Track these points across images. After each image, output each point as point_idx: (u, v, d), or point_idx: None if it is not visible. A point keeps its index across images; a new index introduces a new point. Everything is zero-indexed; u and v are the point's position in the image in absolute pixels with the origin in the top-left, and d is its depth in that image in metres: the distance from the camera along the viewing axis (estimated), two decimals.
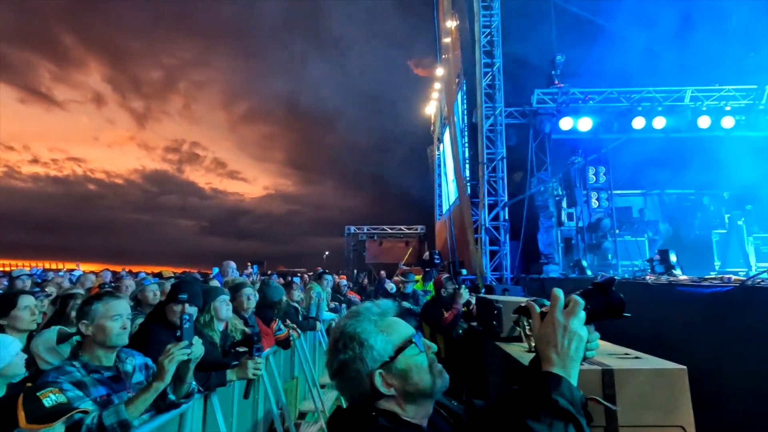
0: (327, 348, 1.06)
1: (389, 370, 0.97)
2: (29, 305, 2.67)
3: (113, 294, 2.01)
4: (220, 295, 2.93)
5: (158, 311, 2.58)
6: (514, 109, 10.69)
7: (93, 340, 1.90)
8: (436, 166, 22.22)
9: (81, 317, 1.91)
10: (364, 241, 26.62)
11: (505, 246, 9.74)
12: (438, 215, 21.95)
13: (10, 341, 2.03)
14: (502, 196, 9.93)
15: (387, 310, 1.07)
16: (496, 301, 3.15)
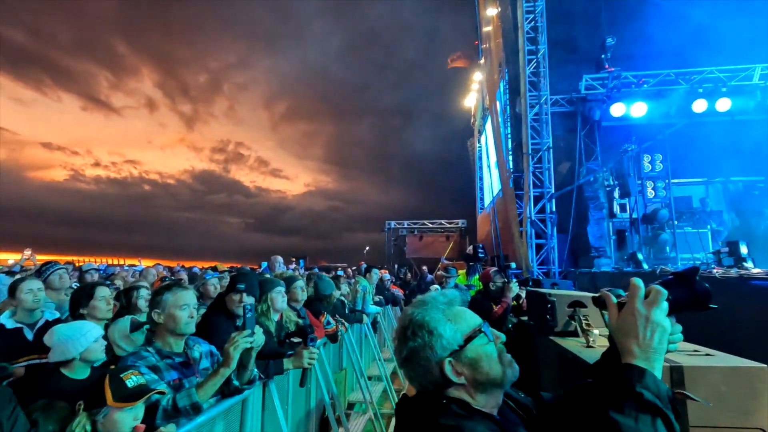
0: (395, 335, 1.08)
1: (459, 359, 0.97)
2: (105, 296, 2.90)
3: (181, 285, 2.14)
4: (276, 287, 3.03)
5: (219, 302, 2.72)
6: (560, 96, 10.26)
7: (164, 328, 2.03)
8: (477, 159, 21.79)
9: (153, 307, 2.04)
10: (404, 236, 26.63)
11: (552, 239, 9.40)
12: (479, 209, 21.55)
13: (89, 327, 2.22)
14: (549, 187, 9.58)
15: (453, 300, 1.06)
16: (549, 295, 3.06)
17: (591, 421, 0.84)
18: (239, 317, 2.60)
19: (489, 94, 12.85)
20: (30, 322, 2.75)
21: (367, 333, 5.76)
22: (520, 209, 10.34)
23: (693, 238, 8.00)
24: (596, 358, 2.19)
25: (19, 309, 2.68)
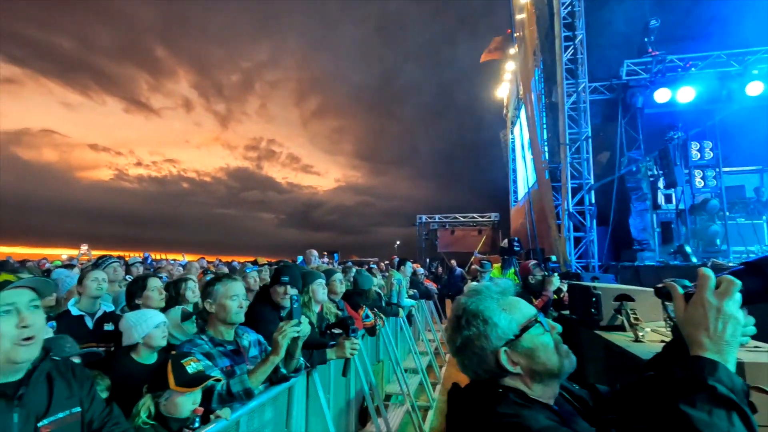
0: (447, 324, 1.08)
1: (514, 348, 0.97)
2: (157, 286, 3.06)
3: (231, 276, 2.23)
4: (317, 279, 3.10)
5: (263, 293, 2.81)
6: (599, 83, 9.84)
7: (216, 317, 2.12)
8: (510, 151, 21.30)
9: (205, 297, 2.14)
10: (435, 230, 26.48)
11: (591, 232, 9.08)
12: (513, 201, 21.08)
13: (152, 314, 2.35)
14: (588, 178, 9.24)
15: (507, 289, 1.06)
16: (594, 288, 2.97)
17: (659, 414, 0.82)
18: (283, 308, 2.69)
19: (523, 83, 12.51)
20: (91, 311, 2.93)
21: (402, 326, 5.79)
22: (557, 201, 10.03)
23: (747, 230, 7.53)
24: (647, 352, 2.13)
25: (84, 297, 2.86)
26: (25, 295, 1.17)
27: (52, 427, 1.18)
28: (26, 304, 1.16)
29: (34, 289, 1.20)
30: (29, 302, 1.18)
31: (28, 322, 1.15)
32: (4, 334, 1.10)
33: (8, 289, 1.13)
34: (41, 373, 1.21)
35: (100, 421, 1.32)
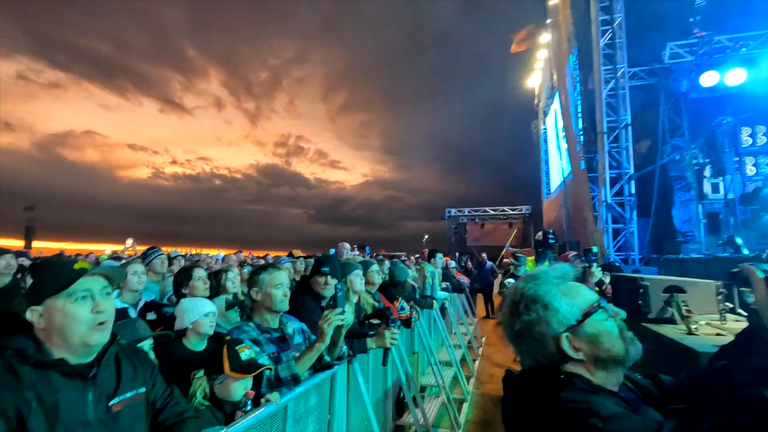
0: (503, 310, 1.07)
1: (576, 334, 0.95)
2: (202, 276, 3.18)
3: (275, 266, 2.28)
4: (354, 269, 3.14)
5: (304, 283, 2.86)
6: (639, 68, 9.40)
7: (262, 305, 2.18)
8: (542, 142, 20.74)
9: (251, 285, 2.21)
10: (465, 224, 26.20)
11: (631, 223, 8.73)
12: (545, 194, 20.56)
13: (202, 303, 2.45)
14: (627, 168, 8.87)
15: (566, 274, 1.03)
16: (642, 279, 2.86)
17: (740, 402, 0.78)
18: (324, 297, 2.74)
19: (557, 71, 12.11)
20: (133, 303, 3.08)
21: (436, 318, 5.77)
22: (594, 192, 9.70)
23: None
24: (703, 345, 2.03)
25: (125, 290, 3.01)
26: (99, 282, 1.24)
27: (121, 405, 1.25)
28: (100, 291, 1.23)
29: (106, 277, 1.27)
30: (102, 289, 1.24)
31: (102, 307, 1.21)
32: (81, 319, 1.17)
33: (85, 276, 1.20)
34: (110, 355, 1.28)
35: (162, 401, 1.39)
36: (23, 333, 1.19)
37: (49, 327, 1.17)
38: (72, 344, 1.18)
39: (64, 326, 1.16)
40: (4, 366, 1.10)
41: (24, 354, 1.13)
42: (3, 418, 1.02)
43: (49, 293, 1.18)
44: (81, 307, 1.18)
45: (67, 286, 1.18)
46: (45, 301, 1.18)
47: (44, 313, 1.18)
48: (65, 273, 1.20)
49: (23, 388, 1.08)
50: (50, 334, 1.18)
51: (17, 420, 1.04)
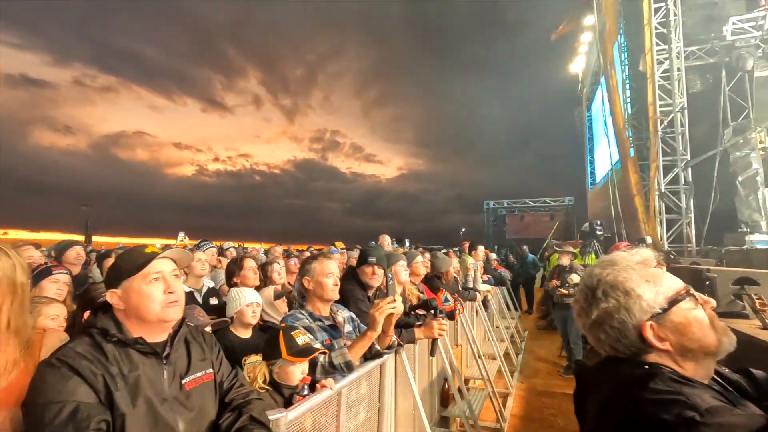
0: (577, 297, 1.02)
1: (662, 323, 0.89)
2: (252, 267, 3.28)
3: (326, 255, 2.31)
4: (399, 260, 3.14)
5: (351, 273, 2.89)
6: (697, 47, 8.75)
7: (313, 294, 2.22)
8: (586, 130, 19.84)
9: (303, 275, 2.25)
10: (503, 217, 25.62)
11: (687, 213, 8.19)
12: (590, 184, 19.70)
13: (247, 293, 2.53)
14: (684, 154, 8.31)
15: (647, 260, 0.97)
16: (708, 270, 2.68)
17: None
18: (371, 287, 2.76)
19: (602, 55, 11.49)
20: (197, 288, 3.22)
21: (478, 310, 5.69)
22: (644, 181, 9.17)
23: None
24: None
25: (190, 276, 3.16)
26: (169, 264, 1.31)
27: (193, 384, 1.31)
28: (169, 273, 1.30)
29: (174, 260, 1.33)
30: (172, 271, 1.31)
31: (173, 288, 1.28)
32: (156, 298, 1.24)
33: (157, 258, 1.27)
34: (181, 336, 1.35)
35: (228, 382, 1.44)
36: (105, 313, 1.27)
37: (128, 307, 1.24)
38: (149, 322, 1.25)
39: (141, 305, 1.23)
40: (91, 342, 1.18)
41: (107, 332, 1.21)
42: (93, 389, 1.09)
43: (125, 276, 1.25)
44: (154, 288, 1.25)
45: (141, 269, 1.25)
46: (122, 283, 1.25)
47: (122, 294, 1.25)
48: (139, 256, 1.27)
49: (109, 364, 1.15)
50: (129, 314, 1.25)
51: (105, 392, 1.11)
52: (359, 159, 61.17)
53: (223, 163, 55.28)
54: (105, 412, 1.09)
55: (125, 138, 47.76)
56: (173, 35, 47.99)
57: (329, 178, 60.63)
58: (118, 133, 47.14)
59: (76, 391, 1.07)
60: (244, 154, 56.22)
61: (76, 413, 1.03)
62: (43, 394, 1.06)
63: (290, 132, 57.65)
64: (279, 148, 60.34)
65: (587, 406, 0.98)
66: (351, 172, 60.50)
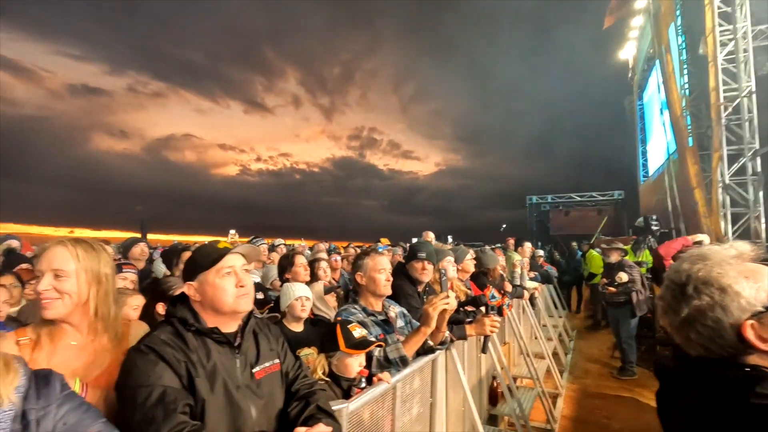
0: (662, 294, 0.97)
1: (764, 322, 0.82)
2: (303, 263, 3.36)
3: (377, 251, 2.33)
4: (447, 256, 3.11)
5: (400, 269, 2.90)
6: (766, 26, 8.02)
7: (366, 289, 2.25)
8: (638, 119, 18.75)
9: (355, 270, 2.28)
10: (547, 212, 24.77)
11: (756, 206, 7.55)
12: (642, 176, 18.61)
13: (297, 288, 2.59)
14: (752, 142, 7.66)
15: (744, 253, 0.90)
16: None
17: None
18: (421, 282, 2.75)
19: (657, 38, 10.79)
20: None
21: (525, 308, 5.55)
22: (705, 173, 8.55)
23: None
24: None
25: None
26: (239, 259, 1.36)
27: (263, 373, 1.36)
28: (240, 267, 1.36)
29: (244, 255, 1.39)
30: (242, 266, 1.36)
31: (243, 281, 1.33)
32: (228, 291, 1.30)
33: (230, 254, 1.33)
34: (250, 328, 1.40)
35: (293, 372, 1.49)
36: (183, 304, 1.34)
37: (203, 299, 1.31)
38: (222, 313, 1.31)
39: (215, 297, 1.30)
40: (173, 331, 1.25)
41: (186, 322, 1.28)
42: (177, 375, 1.16)
43: (201, 269, 1.32)
44: (227, 281, 1.31)
45: (215, 263, 1.31)
46: (198, 277, 1.32)
47: (198, 287, 1.32)
48: (213, 251, 1.34)
49: (190, 352, 1.22)
50: (204, 305, 1.32)
51: (188, 378, 1.18)
52: (396, 156, 61.19)
53: (264, 163, 57.11)
54: (188, 396, 1.15)
55: (174, 141, 50.41)
56: (217, 40, 50.01)
57: (367, 176, 61.11)
58: (168, 136, 49.82)
59: (163, 376, 1.14)
60: (285, 154, 57.77)
61: (164, 397, 1.10)
62: (134, 377, 1.13)
63: (328, 130, 58.60)
64: (318, 147, 61.50)
65: (673, 411, 0.93)
66: (388, 168, 60.66)
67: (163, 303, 2.06)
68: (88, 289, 1.28)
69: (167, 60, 48.13)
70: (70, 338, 1.29)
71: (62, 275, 1.23)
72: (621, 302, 5.75)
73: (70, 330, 1.29)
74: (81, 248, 1.29)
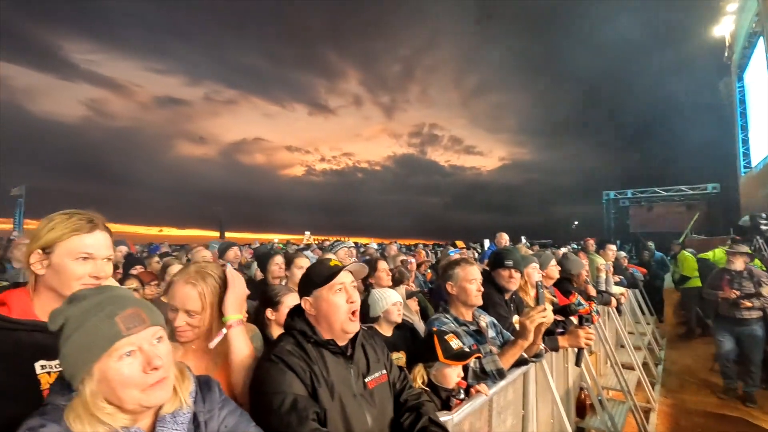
0: None
1: None
2: (385, 268, 3.45)
3: (468, 260, 2.34)
4: (531, 262, 3.03)
5: (486, 276, 2.87)
6: None
7: (457, 299, 2.26)
8: (737, 103, 16.67)
9: (446, 279, 2.30)
10: (627, 208, 22.92)
11: None
12: (743, 167, 16.54)
13: (389, 293, 2.66)
14: None
15: None
16: None
17: None
18: (508, 291, 2.71)
19: (764, 10, 9.50)
20: None
21: (611, 313, 5.21)
22: None
23: None
24: None
25: None
26: (349, 276, 1.45)
27: (374, 384, 1.44)
28: (349, 284, 1.44)
29: (352, 272, 1.47)
30: (351, 282, 1.45)
31: (353, 298, 1.41)
32: (340, 308, 1.39)
33: (343, 270, 1.42)
34: (360, 338, 1.48)
35: (400, 383, 1.55)
36: (299, 317, 1.46)
37: (318, 313, 1.41)
38: (335, 329, 1.40)
39: (329, 313, 1.39)
40: (295, 342, 1.37)
41: (305, 333, 1.39)
42: (303, 384, 1.27)
43: (315, 286, 1.42)
44: (340, 298, 1.40)
45: (329, 280, 1.40)
46: (313, 292, 1.42)
47: (313, 302, 1.42)
48: (326, 269, 1.43)
49: (312, 363, 1.32)
50: (319, 319, 1.42)
51: (312, 387, 1.28)
52: (458, 151, 60.17)
53: (328, 163, 59.17)
54: (315, 404, 1.25)
55: (246, 144, 53.96)
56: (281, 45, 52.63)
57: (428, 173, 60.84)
58: (240, 140, 53.49)
59: (293, 385, 1.25)
60: (347, 153, 59.40)
61: (296, 404, 1.21)
62: (267, 385, 1.25)
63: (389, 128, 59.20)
64: (379, 145, 62.42)
65: None
66: (450, 165, 59.84)
67: (270, 308, 2.23)
68: (211, 318, 1.41)
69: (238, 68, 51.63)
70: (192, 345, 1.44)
71: (193, 314, 1.36)
72: (748, 318, 4.91)
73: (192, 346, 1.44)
74: (205, 285, 1.39)
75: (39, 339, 1.10)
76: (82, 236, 1.17)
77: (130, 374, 0.86)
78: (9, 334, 1.09)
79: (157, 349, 0.91)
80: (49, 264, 1.15)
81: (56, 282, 1.16)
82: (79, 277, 1.16)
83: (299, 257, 3.37)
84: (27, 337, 1.10)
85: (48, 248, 1.15)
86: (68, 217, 1.18)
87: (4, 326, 1.09)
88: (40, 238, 1.15)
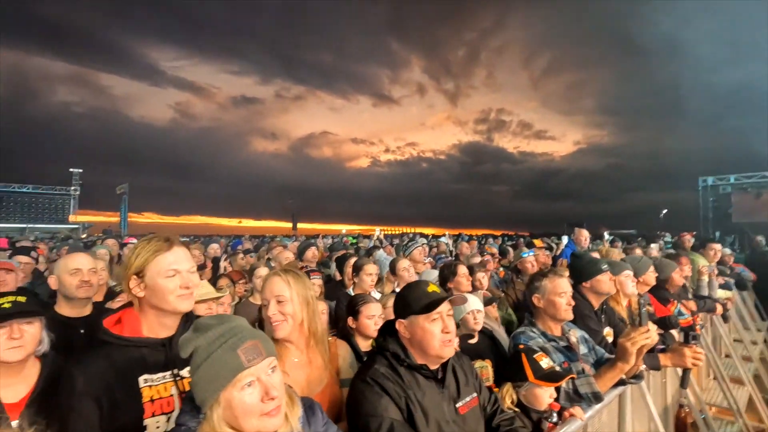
0: None
1: None
2: (465, 273, 3.37)
3: (557, 272, 2.21)
4: (624, 270, 2.79)
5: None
6: None
7: (544, 312, 2.16)
8: None
9: (532, 292, 2.20)
10: (728, 195, 20.25)
11: None
12: None
13: (470, 300, 2.61)
14: None
15: None
16: None
17: None
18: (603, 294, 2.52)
19: None
20: None
21: (714, 319, 4.67)
22: None
23: None
24: None
25: None
26: (447, 305, 1.44)
27: (466, 409, 1.42)
28: (446, 313, 1.42)
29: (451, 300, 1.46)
30: (447, 311, 1.43)
31: (450, 327, 1.40)
32: (437, 335, 1.38)
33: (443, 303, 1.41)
34: (451, 363, 1.47)
35: (491, 407, 1.52)
36: (392, 337, 1.47)
37: (412, 338, 1.41)
38: (429, 355, 1.40)
39: (424, 341, 1.38)
40: (388, 365, 1.39)
41: (398, 356, 1.40)
42: (399, 408, 1.29)
43: (412, 313, 1.42)
44: (436, 327, 1.38)
45: (428, 310, 1.39)
46: (409, 318, 1.42)
47: (408, 325, 1.42)
48: (425, 297, 1.42)
49: (406, 387, 1.33)
50: (413, 343, 1.42)
51: (407, 412, 1.29)
52: (528, 137, 57.25)
53: (393, 154, 59.52)
54: (411, 430, 1.27)
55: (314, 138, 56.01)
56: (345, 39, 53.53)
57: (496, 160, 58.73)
58: (309, 135, 55.65)
59: (389, 409, 1.27)
60: (411, 143, 59.31)
61: (393, 429, 1.23)
62: (364, 407, 1.29)
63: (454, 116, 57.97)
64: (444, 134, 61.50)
65: None
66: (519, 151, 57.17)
67: (351, 317, 2.31)
68: (302, 310, 1.49)
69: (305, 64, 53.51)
70: (293, 356, 1.51)
71: (282, 300, 1.46)
72: None
73: (292, 348, 1.52)
74: (291, 276, 1.51)
75: (145, 354, 1.23)
76: (165, 255, 1.28)
77: (251, 403, 0.93)
78: (123, 350, 1.22)
79: (272, 379, 0.97)
80: (145, 286, 1.27)
81: (155, 300, 1.27)
82: (172, 291, 1.27)
83: (367, 264, 3.45)
84: (136, 352, 1.23)
85: (140, 273, 1.27)
86: (148, 242, 1.30)
87: (119, 343, 1.23)
88: (131, 266, 1.27)
